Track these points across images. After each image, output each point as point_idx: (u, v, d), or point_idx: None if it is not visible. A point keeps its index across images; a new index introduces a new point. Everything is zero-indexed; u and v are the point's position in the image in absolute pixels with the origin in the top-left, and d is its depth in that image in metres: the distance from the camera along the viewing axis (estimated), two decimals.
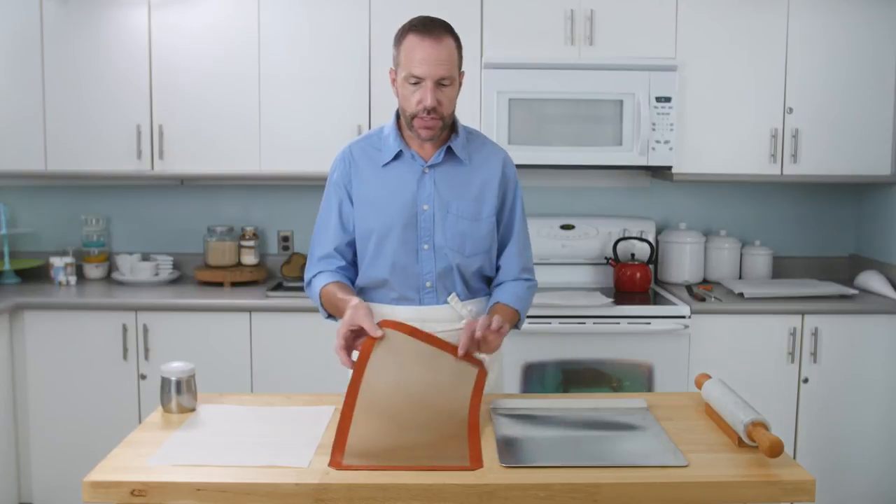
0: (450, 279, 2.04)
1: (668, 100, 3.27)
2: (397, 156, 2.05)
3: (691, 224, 3.72)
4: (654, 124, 3.28)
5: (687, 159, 3.37)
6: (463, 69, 2.02)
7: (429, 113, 1.93)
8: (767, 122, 3.38)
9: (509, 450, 1.60)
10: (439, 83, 1.92)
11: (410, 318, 2.04)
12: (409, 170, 2.04)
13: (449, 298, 2.04)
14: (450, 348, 1.84)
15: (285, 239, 3.78)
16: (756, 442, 1.57)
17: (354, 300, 1.87)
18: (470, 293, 2.08)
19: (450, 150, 2.04)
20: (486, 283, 2.13)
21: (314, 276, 2.10)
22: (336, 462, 1.54)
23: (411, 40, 1.92)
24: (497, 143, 2.19)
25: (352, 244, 2.10)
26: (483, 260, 2.08)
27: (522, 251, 2.14)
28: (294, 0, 3.31)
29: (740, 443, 1.62)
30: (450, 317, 2.06)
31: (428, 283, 2.04)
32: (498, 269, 2.14)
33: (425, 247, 2.03)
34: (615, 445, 1.66)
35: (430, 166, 2.03)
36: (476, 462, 1.54)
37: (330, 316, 2.08)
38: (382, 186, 2.04)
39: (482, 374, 1.83)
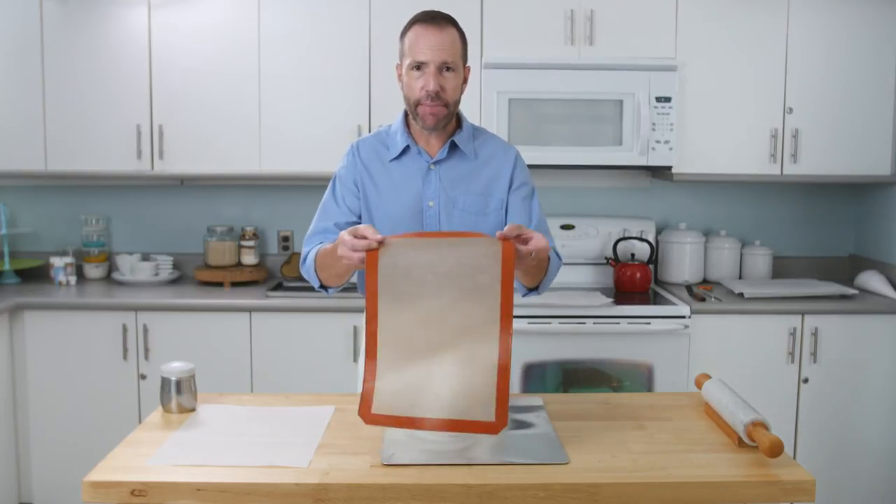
0: None
1: (668, 100, 3.27)
2: (404, 151, 2.05)
3: (691, 224, 3.72)
4: (654, 124, 3.28)
5: (687, 159, 3.37)
6: (468, 64, 2.02)
7: (432, 99, 1.93)
8: (767, 122, 3.38)
9: (395, 448, 1.59)
10: (442, 69, 1.93)
11: None
12: (415, 166, 2.04)
13: None
14: (459, 235, 1.66)
15: (285, 239, 3.78)
16: (756, 442, 1.57)
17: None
18: None
19: (454, 146, 2.04)
20: None
21: (310, 250, 2.01)
22: (365, 413, 1.54)
23: (415, 31, 1.94)
24: (506, 141, 2.17)
25: (353, 223, 2.01)
26: None
27: (545, 227, 2.10)
28: (294, 0, 3.31)
29: (740, 443, 1.62)
30: None
31: None
32: None
33: None
34: (503, 443, 1.65)
35: (436, 162, 2.03)
36: (501, 420, 1.53)
37: (322, 286, 2.01)
38: (388, 182, 2.04)
39: (508, 246, 1.57)
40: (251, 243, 3.62)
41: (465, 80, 2.01)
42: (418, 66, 1.93)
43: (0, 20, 3.33)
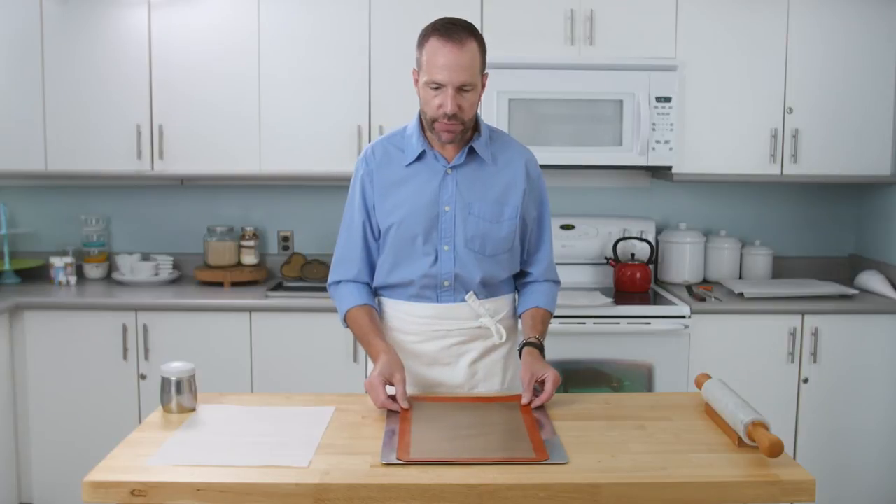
0: (468, 279, 2.04)
1: (668, 100, 3.27)
2: (420, 156, 2.04)
3: (691, 224, 3.72)
4: (654, 124, 3.28)
5: (687, 159, 3.37)
6: (486, 70, 2.01)
7: (449, 119, 1.93)
8: (767, 122, 3.38)
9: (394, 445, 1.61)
10: (461, 89, 1.91)
11: (428, 316, 2.06)
12: (431, 171, 2.04)
13: (466, 297, 2.05)
14: (481, 398, 1.95)
15: (285, 239, 3.78)
16: (756, 442, 1.57)
17: (385, 355, 1.91)
18: (487, 293, 2.08)
19: (472, 151, 2.04)
20: (504, 282, 2.13)
21: (340, 282, 2.11)
22: (404, 457, 1.55)
23: (433, 44, 1.91)
24: (521, 143, 2.17)
25: (376, 245, 2.10)
26: (503, 260, 2.08)
27: (551, 252, 2.19)
28: (294, 0, 3.31)
29: (740, 443, 1.62)
30: (467, 314, 2.07)
31: (446, 283, 2.04)
32: (528, 271, 2.18)
33: (445, 247, 2.03)
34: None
35: (453, 167, 2.03)
36: (541, 454, 1.56)
37: (348, 326, 2.11)
38: (405, 187, 2.04)
39: (525, 407, 1.87)
40: (251, 243, 3.62)
41: (483, 87, 2.00)
42: (436, 86, 1.92)
43: (0, 20, 3.33)
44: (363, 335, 2.02)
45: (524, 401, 1.87)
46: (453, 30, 1.91)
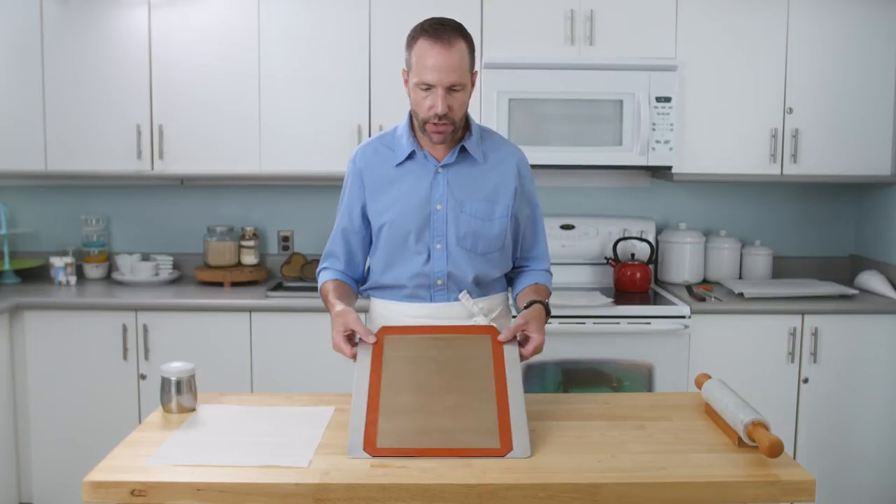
0: (461, 278, 2.05)
1: (668, 100, 3.27)
2: (410, 156, 2.05)
3: (691, 224, 3.72)
4: (654, 124, 3.28)
5: (687, 159, 3.37)
6: (476, 70, 2.01)
7: (440, 119, 1.93)
8: (767, 122, 3.38)
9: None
10: (450, 89, 1.92)
11: (421, 315, 2.06)
12: (422, 170, 2.04)
13: (460, 296, 2.05)
14: (452, 329, 1.92)
15: (285, 239, 3.78)
16: (756, 442, 1.57)
17: (338, 307, 1.91)
18: (481, 291, 2.09)
19: (463, 150, 2.05)
20: (497, 280, 2.14)
21: (321, 269, 2.17)
22: (371, 449, 1.56)
23: (422, 45, 1.91)
24: (512, 143, 2.18)
25: (359, 245, 2.13)
26: (495, 259, 2.09)
27: (547, 248, 2.22)
28: (294, 0, 3.31)
29: (740, 443, 1.62)
30: (461, 314, 2.07)
31: (439, 282, 2.05)
32: (524, 266, 2.19)
33: (438, 246, 2.04)
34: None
35: (444, 166, 2.04)
36: (506, 445, 1.57)
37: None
38: (396, 187, 2.05)
39: (495, 339, 1.86)
40: (251, 243, 3.62)
41: (472, 85, 2.00)
42: (426, 87, 1.92)
43: (0, 20, 3.33)
44: (326, 301, 2.04)
45: (501, 338, 1.85)
46: (442, 30, 1.91)
